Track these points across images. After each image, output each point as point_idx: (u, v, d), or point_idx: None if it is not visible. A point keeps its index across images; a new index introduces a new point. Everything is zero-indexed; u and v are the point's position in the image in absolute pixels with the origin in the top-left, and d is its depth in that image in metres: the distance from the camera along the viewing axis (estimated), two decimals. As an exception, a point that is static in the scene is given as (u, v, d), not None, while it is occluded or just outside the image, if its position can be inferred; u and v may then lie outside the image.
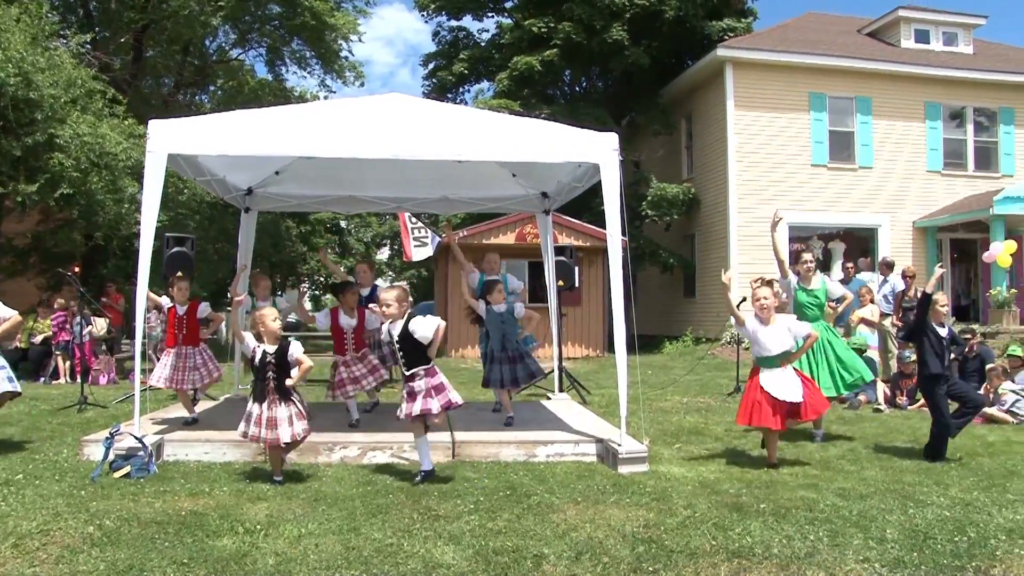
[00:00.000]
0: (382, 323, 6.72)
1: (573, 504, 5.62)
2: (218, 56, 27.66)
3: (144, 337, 7.32)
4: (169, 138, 6.86)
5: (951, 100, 23.75)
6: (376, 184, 10.40)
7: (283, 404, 6.26)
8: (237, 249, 10.78)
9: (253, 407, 6.32)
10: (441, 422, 6.51)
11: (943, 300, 7.64)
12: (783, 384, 6.96)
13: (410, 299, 6.69)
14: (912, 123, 23.34)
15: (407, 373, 6.35)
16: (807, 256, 8.81)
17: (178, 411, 8.70)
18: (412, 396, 6.29)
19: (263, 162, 9.38)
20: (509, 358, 8.65)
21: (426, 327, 6.24)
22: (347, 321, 8.73)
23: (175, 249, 10.67)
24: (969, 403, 7.70)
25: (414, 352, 6.33)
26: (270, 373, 6.27)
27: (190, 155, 7.83)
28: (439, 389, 6.32)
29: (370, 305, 7.99)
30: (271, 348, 6.31)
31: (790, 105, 22.59)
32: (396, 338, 6.34)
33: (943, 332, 7.53)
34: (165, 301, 8.50)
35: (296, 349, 6.34)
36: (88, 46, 18.93)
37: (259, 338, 6.38)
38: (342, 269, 10.00)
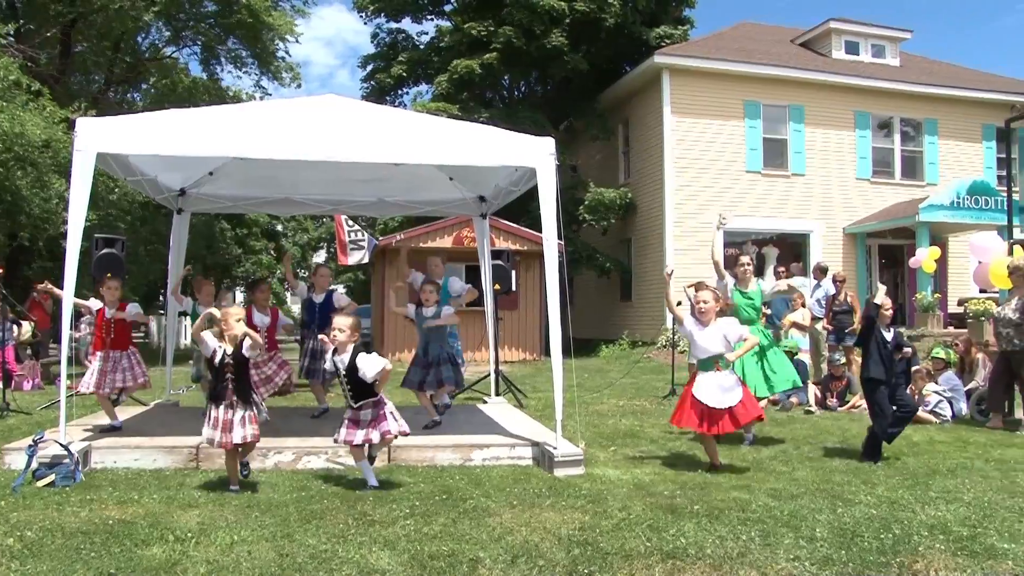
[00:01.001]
0: (323, 349, 6.57)
1: (509, 508, 5.62)
2: (151, 53, 27.10)
3: (71, 341, 7.13)
4: (98, 137, 6.68)
5: (879, 110, 24.40)
6: (312, 186, 10.29)
7: (240, 408, 6.11)
8: (169, 251, 10.57)
9: (210, 409, 6.14)
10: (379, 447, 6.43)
11: (888, 304, 7.82)
12: (716, 389, 6.96)
13: (360, 331, 6.60)
14: (843, 132, 23.93)
15: (354, 406, 6.26)
16: (744, 259, 8.90)
17: (107, 418, 8.47)
18: (355, 424, 6.22)
19: (196, 162, 9.21)
20: (426, 363, 8.69)
21: (371, 368, 6.09)
22: (260, 319, 8.67)
23: (104, 250, 10.42)
24: (905, 408, 7.84)
25: (362, 386, 6.23)
26: (228, 375, 6.11)
27: (120, 154, 7.65)
28: (379, 420, 6.24)
29: (320, 336, 7.92)
30: (230, 349, 6.14)
31: (725, 112, 22.96)
32: (343, 371, 6.23)
33: (888, 336, 7.70)
34: (94, 303, 8.25)
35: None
36: (11, 38, 18.38)
37: (220, 337, 6.21)
38: (300, 284, 9.88)
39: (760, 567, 4.48)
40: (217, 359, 6.12)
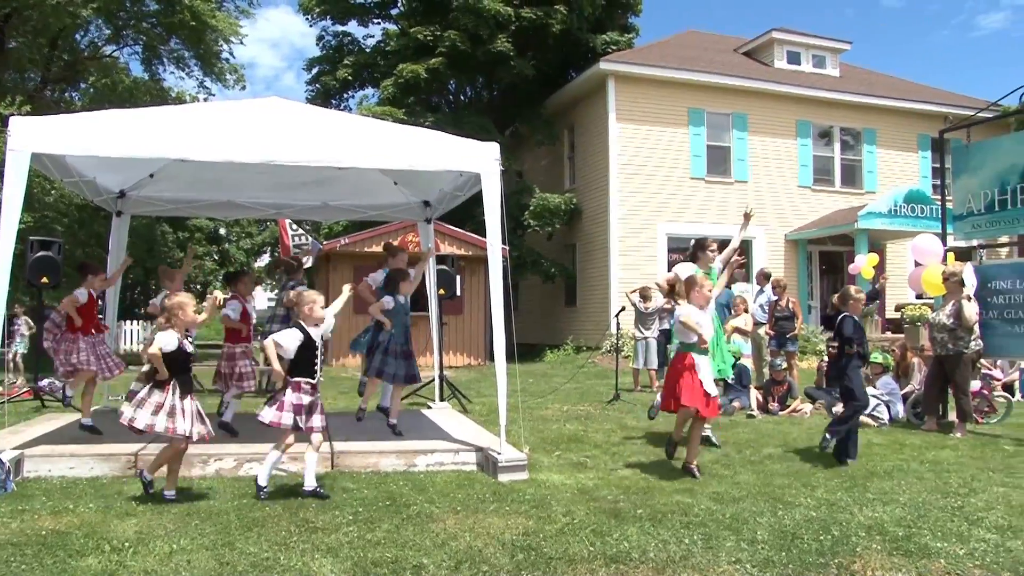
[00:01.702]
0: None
1: (453, 513, 5.61)
2: (90, 52, 26.55)
3: (2, 345, 6.94)
4: (33, 136, 6.51)
5: (820, 119, 24.89)
6: (255, 189, 10.15)
7: (193, 399, 6.00)
8: (108, 254, 10.36)
9: (177, 400, 5.88)
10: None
11: (862, 299, 8.07)
12: (709, 375, 7.11)
13: None
14: (785, 140, 24.34)
15: (316, 380, 6.22)
16: (714, 244, 9.02)
17: (41, 425, 8.26)
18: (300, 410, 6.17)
19: (136, 164, 9.01)
20: (405, 353, 8.46)
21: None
22: (251, 307, 8.62)
23: (40, 253, 10.19)
24: (849, 403, 8.03)
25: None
26: (190, 364, 6.00)
27: (56, 155, 7.46)
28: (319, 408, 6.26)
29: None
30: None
31: (670, 119, 23.20)
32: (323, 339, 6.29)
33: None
34: (81, 294, 8.15)
35: None
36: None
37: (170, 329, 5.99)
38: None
39: (702, 570, 4.53)
40: (188, 348, 5.97)
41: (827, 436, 7.76)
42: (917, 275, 10.92)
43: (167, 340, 5.86)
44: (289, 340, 6.06)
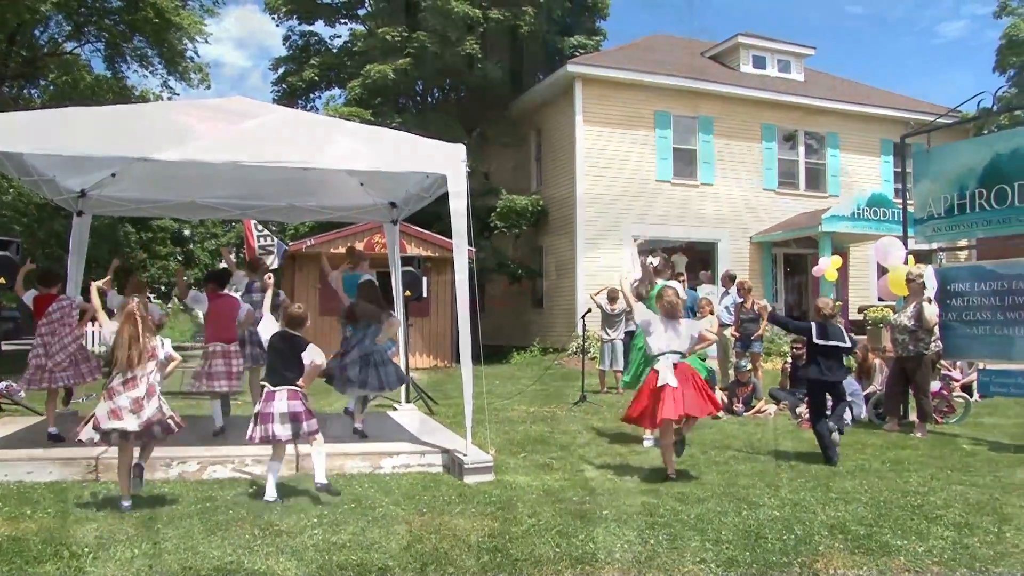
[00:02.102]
0: None
1: (419, 515, 5.59)
2: (50, 48, 26.10)
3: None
4: (-9, 135, 6.42)
5: (785, 123, 25.08)
6: (220, 190, 10.03)
7: None
8: (69, 255, 10.20)
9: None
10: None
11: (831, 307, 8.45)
12: None
13: None
14: (750, 143, 24.50)
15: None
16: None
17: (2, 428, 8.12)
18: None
19: (97, 163, 8.89)
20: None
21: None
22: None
23: (-4, 253, 9.98)
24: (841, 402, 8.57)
25: None
26: None
27: (14, 152, 7.34)
28: None
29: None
30: None
31: (636, 122, 23.27)
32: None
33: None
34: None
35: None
36: None
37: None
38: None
39: (667, 570, 4.55)
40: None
41: (839, 431, 8.10)
42: (885, 283, 11.06)
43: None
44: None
